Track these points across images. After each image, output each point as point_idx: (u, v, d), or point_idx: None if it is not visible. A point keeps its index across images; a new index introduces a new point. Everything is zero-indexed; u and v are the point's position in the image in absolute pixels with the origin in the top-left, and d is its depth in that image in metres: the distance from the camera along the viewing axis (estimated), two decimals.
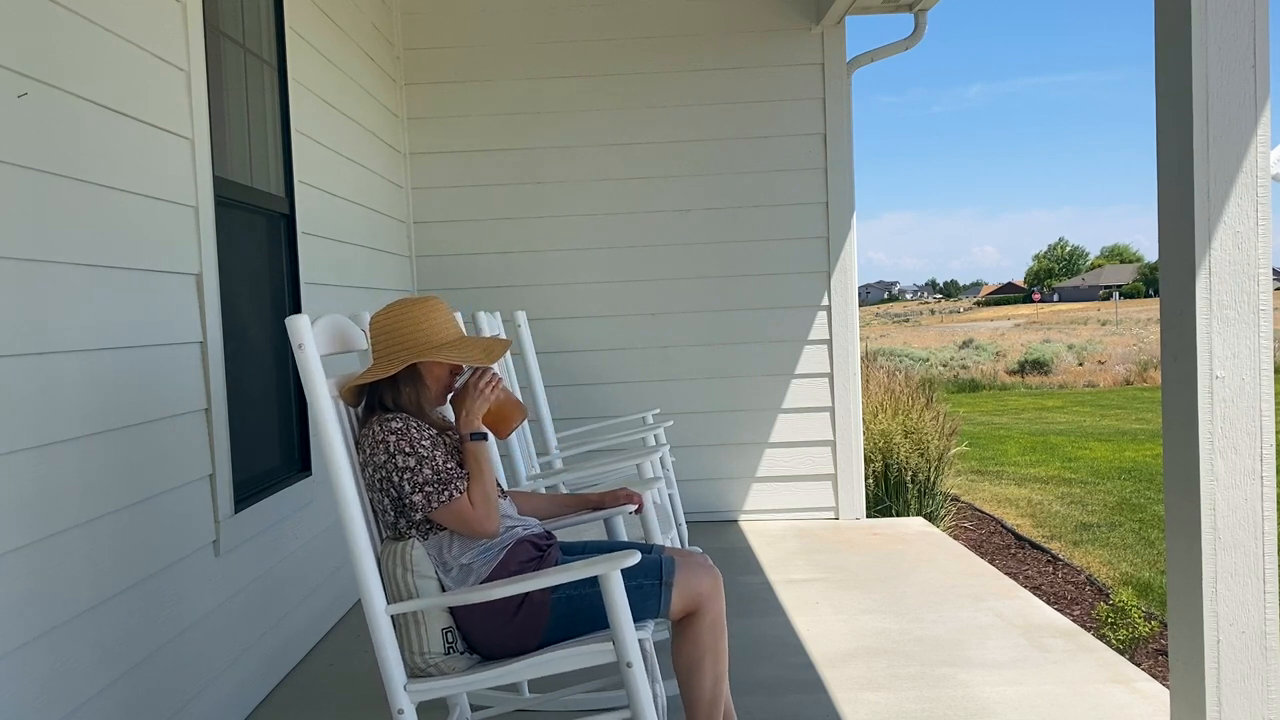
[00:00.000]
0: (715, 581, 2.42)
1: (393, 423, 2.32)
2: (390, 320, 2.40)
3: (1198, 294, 2.48)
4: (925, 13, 5.74)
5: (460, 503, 2.31)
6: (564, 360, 5.80)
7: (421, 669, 2.32)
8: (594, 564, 2.15)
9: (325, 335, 2.34)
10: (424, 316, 2.40)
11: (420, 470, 2.29)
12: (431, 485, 2.29)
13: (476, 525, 2.32)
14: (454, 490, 2.30)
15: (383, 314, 2.43)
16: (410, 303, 2.43)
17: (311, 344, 2.18)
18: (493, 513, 2.34)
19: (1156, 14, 2.57)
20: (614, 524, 2.89)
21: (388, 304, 2.47)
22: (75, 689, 2.35)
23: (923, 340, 35.10)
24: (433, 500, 2.30)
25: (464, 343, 2.44)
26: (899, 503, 6.61)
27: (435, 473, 2.30)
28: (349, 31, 4.80)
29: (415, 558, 2.31)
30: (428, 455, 2.30)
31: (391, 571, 2.32)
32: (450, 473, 2.32)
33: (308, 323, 2.18)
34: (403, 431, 2.30)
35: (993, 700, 3.22)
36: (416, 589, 2.31)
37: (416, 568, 2.31)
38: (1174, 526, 2.61)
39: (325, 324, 2.36)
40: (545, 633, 2.33)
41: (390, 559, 2.33)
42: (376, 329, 2.42)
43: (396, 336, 2.38)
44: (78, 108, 2.46)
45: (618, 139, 5.82)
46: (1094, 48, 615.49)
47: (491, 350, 2.44)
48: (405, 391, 2.40)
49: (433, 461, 2.30)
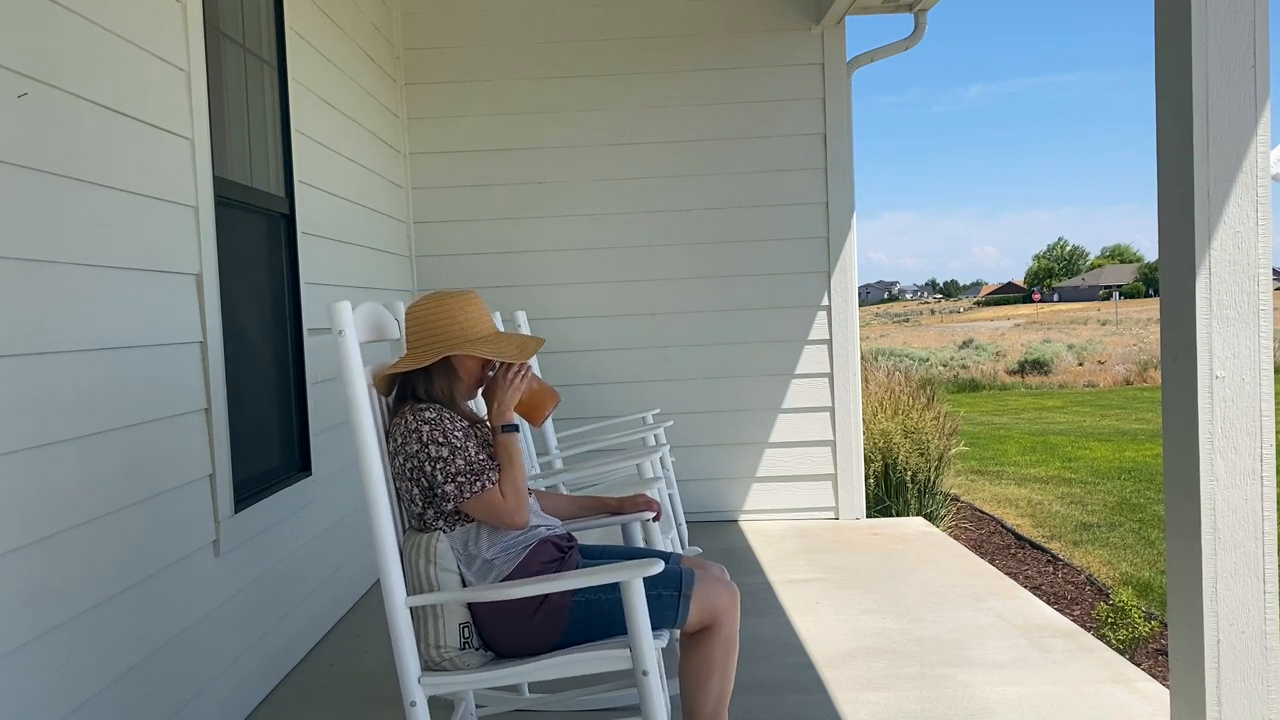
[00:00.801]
0: (733, 598, 2.41)
1: (426, 413, 2.33)
2: (427, 312, 2.43)
3: (1198, 294, 2.48)
4: (925, 13, 5.74)
5: (492, 494, 2.32)
6: (564, 360, 5.80)
7: (436, 662, 2.32)
8: (618, 570, 2.14)
9: (363, 323, 2.35)
10: (460, 310, 2.43)
11: (453, 460, 2.30)
12: (464, 475, 2.31)
13: (507, 517, 2.34)
14: (486, 481, 2.32)
15: (419, 305, 2.45)
16: (447, 296, 2.46)
17: (352, 330, 2.19)
18: (522, 505, 2.36)
19: (1156, 14, 2.57)
20: (631, 529, 2.89)
21: (424, 295, 2.49)
22: (75, 689, 2.35)
23: (923, 340, 35.10)
24: (465, 490, 2.31)
25: (499, 338, 2.46)
26: (899, 503, 6.61)
27: (468, 463, 2.31)
28: (349, 31, 4.80)
29: (439, 550, 2.32)
30: (460, 446, 2.32)
31: (414, 563, 2.32)
32: (482, 464, 2.34)
33: (349, 309, 2.20)
34: (436, 421, 2.32)
35: (993, 700, 3.22)
36: (438, 582, 2.31)
37: (440, 560, 2.32)
38: (1174, 526, 2.61)
39: (364, 311, 2.37)
40: (562, 635, 2.32)
41: (414, 550, 2.33)
42: (413, 320, 2.44)
43: (432, 329, 2.40)
44: (78, 108, 2.46)
45: (618, 139, 5.82)
46: (1094, 48, 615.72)
47: (525, 347, 2.46)
48: (438, 383, 2.42)
49: (465, 452, 2.32)
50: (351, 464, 2.45)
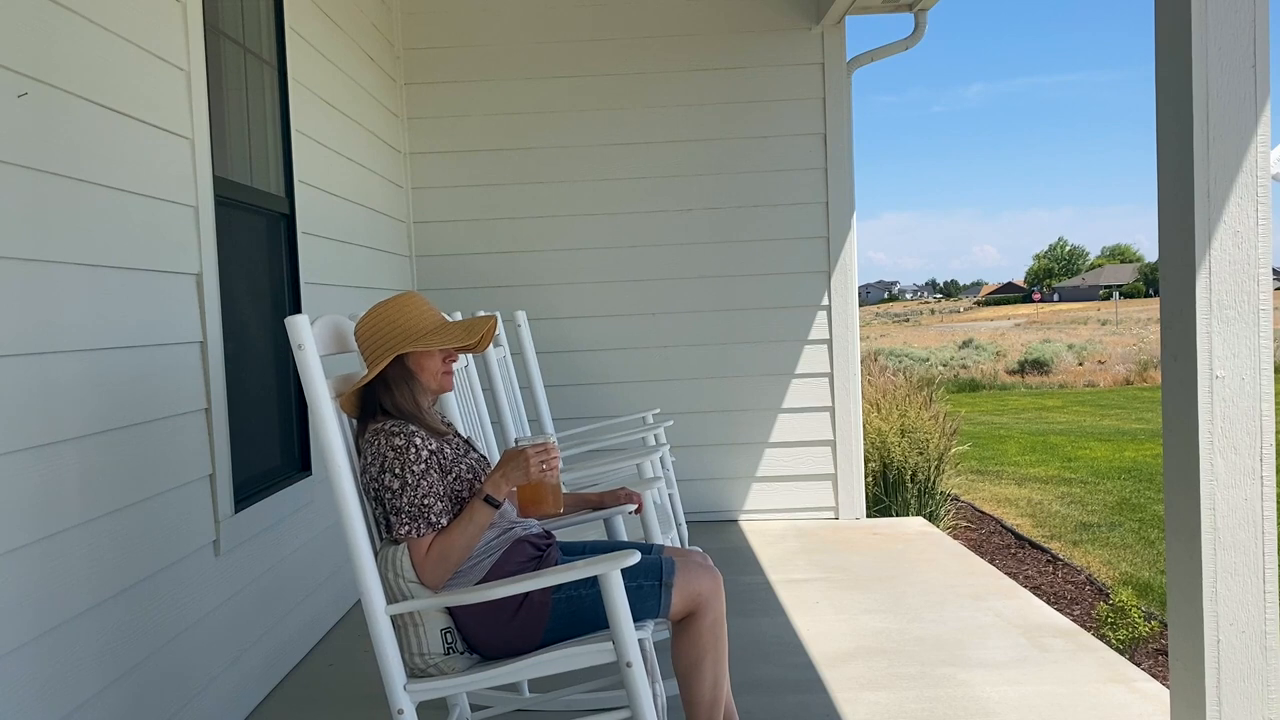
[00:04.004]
0: (715, 582, 2.42)
1: (396, 439, 2.30)
2: (371, 323, 2.41)
3: (1198, 294, 2.48)
4: (925, 12, 5.74)
5: (417, 544, 2.29)
6: (564, 360, 5.80)
7: (421, 669, 2.32)
8: (594, 564, 2.15)
9: (324, 335, 2.34)
10: (400, 311, 2.40)
11: (401, 495, 2.28)
12: (404, 514, 2.28)
13: (419, 569, 2.29)
14: (418, 528, 2.28)
15: (363, 319, 2.43)
16: (386, 302, 2.44)
17: (311, 344, 2.19)
18: (439, 570, 2.29)
19: (1156, 14, 2.57)
20: (614, 524, 2.89)
21: (367, 310, 2.46)
22: (75, 689, 2.35)
23: (923, 340, 35.09)
24: (396, 527, 2.29)
25: (445, 327, 2.43)
26: (899, 503, 6.60)
27: (410, 503, 2.28)
28: (349, 31, 4.80)
29: (405, 564, 2.31)
30: (413, 483, 2.28)
31: (384, 575, 2.32)
32: (425, 508, 2.29)
33: (307, 322, 2.19)
34: (403, 449, 2.29)
35: (993, 700, 3.22)
36: (409, 593, 2.31)
37: (405, 574, 2.31)
38: (1174, 526, 2.61)
39: (324, 324, 2.36)
40: (545, 633, 2.33)
41: (383, 564, 2.33)
42: (361, 335, 2.42)
43: (379, 337, 2.38)
44: (78, 108, 2.46)
45: (618, 139, 5.82)
46: (1094, 48, 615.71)
47: (473, 328, 2.42)
48: (399, 393, 2.39)
49: (415, 490, 2.28)
50: None
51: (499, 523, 2.44)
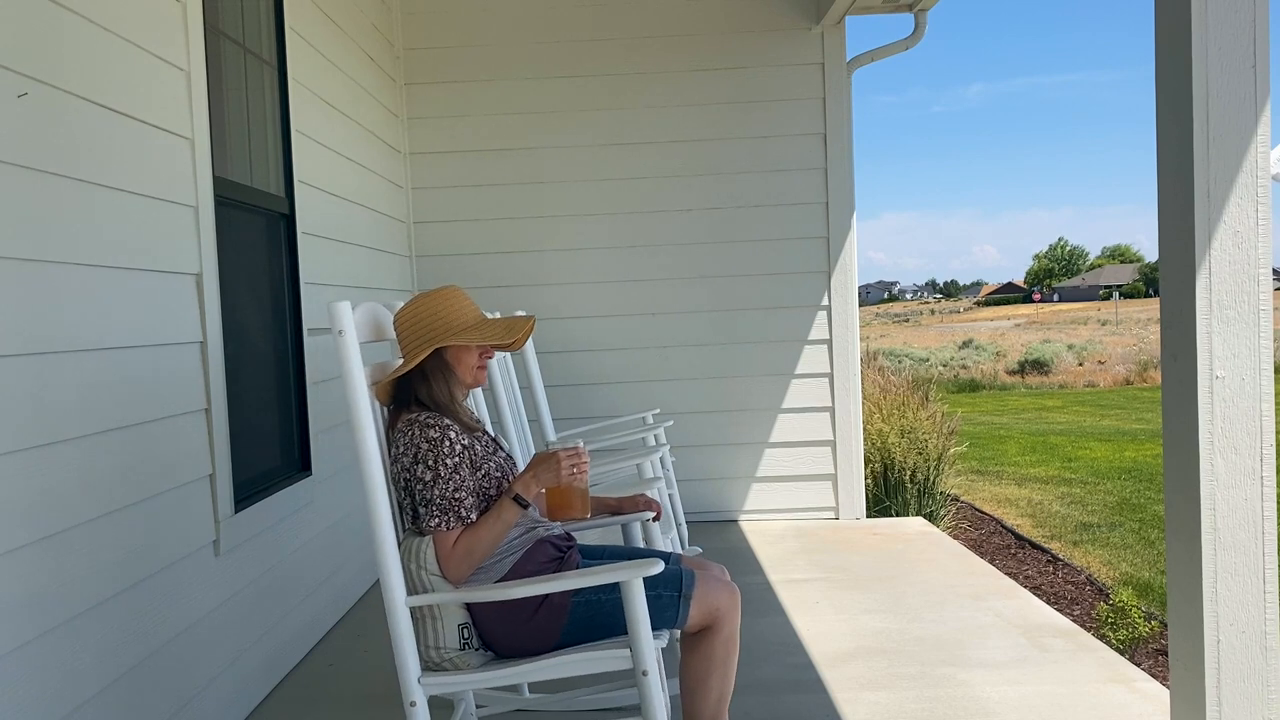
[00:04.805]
0: (733, 598, 2.41)
1: (431, 430, 2.31)
2: (412, 313, 2.42)
3: (1198, 294, 2.48)
4: (925, 13, 5.74)
5: (444, 537, 2.30)
6: (564, 360, 5.80)
7: (436, 663, 2.33)
8: (617, 570, 2.14)
9: (364, 322, 2.36)
10: (443, 304, 2.42)
11: (433, 487, 2.29)
12: (434, 506, 2.30)
13: (443, 563, 2.31)
14: (447, 521, 2.30)
15: (404, 309, 2.45)
16: (429, 294, 2.46)
17: (352, 330, 2.19)
18: (463, 565, 2.31)
19: (1156, 14, 2.57)
20: (631, 529, 2.89)
21: (408, 300, 2.48)
22: (75, 689, 2.35)
23: (923, 340, 35.09)
24: (426, 520, 2.31)
25: (486, 324, 2.45)
26: (899, 503, 6.61)
27: (442, 496, 2.29)
28: (349, 31, 4.80)
29: (429, 556, 2.31)
30: (445, 476, 2.30)
31: (408, 566, 2.32)
32: (456, 501, 2.30)
33: (349, 309, 2.20)
34: (437, 442, 2.30)
35: (993, 700, 3.22)
36: (431, 585, 2.32)
37: (428, 566, 2.31)
38: (1174, 526, 2.61)
39: (364, 311, 2.38)
40: (562, 635, 2.33)
41: (407, 554, 2.33)
42: (401, 324, 2.44)
43: (419, 328, 2.40)
44: (78, 108, 2.46)
45: (618, 139, 5.82)
46: (1094, 48, 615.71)
47: (513, 327, 2.45)
48: (435, 383, 2.41)
49: (446, 484, 2.30)
50: (351, 464, 2.44)
51: (522, 522, 2.45)
